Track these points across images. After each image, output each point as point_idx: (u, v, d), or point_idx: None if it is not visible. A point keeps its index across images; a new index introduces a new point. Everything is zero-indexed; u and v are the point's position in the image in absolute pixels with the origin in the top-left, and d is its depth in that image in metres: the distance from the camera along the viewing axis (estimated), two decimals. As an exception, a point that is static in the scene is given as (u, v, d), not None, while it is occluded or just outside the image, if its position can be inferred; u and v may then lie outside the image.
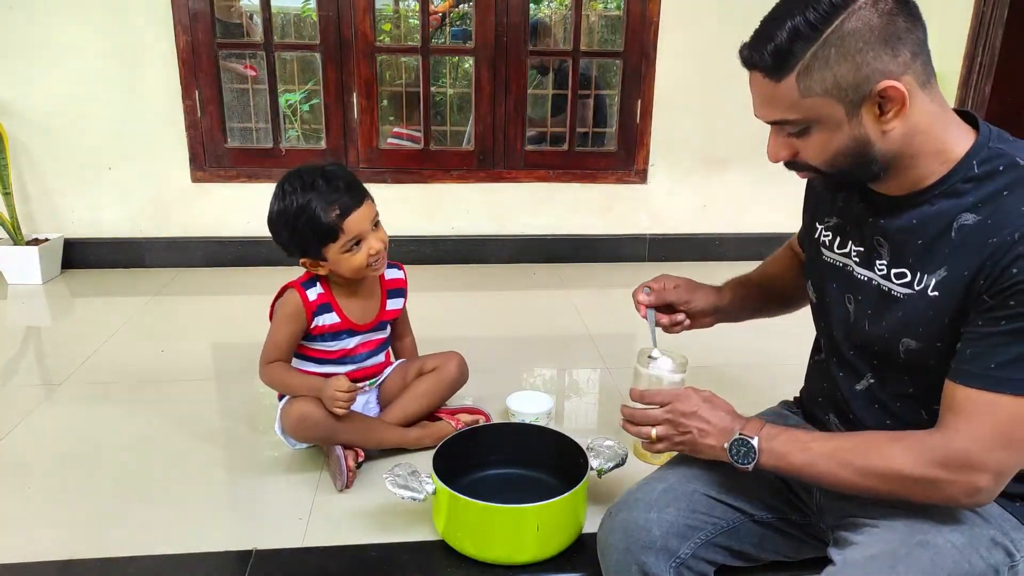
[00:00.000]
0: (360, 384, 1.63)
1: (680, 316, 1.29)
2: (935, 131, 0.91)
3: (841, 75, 0.87)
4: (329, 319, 1.55)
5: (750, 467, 1.00)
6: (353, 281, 1.55)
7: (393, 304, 1.65)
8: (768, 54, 0.89)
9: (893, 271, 0.98)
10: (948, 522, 0.94)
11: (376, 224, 1.50)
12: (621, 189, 3.10)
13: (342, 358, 1.60)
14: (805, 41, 0.87)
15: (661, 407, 1.10)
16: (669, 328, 1.30)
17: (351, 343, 1.60)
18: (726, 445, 1.02)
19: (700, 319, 1.31)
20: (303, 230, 1.44)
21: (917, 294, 0.95)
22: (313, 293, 1.53)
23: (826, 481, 0.97)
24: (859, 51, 0.86)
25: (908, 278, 0.96)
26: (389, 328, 1.70)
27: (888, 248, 0.98)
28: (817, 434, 1.02)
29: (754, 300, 1.35)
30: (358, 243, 1.46)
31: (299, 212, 1.43)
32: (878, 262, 1.00)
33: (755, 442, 1.00)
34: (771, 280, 1.36)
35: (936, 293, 0.92)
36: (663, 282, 1.29)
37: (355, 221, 1.44)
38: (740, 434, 1.01)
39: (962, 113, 0.96)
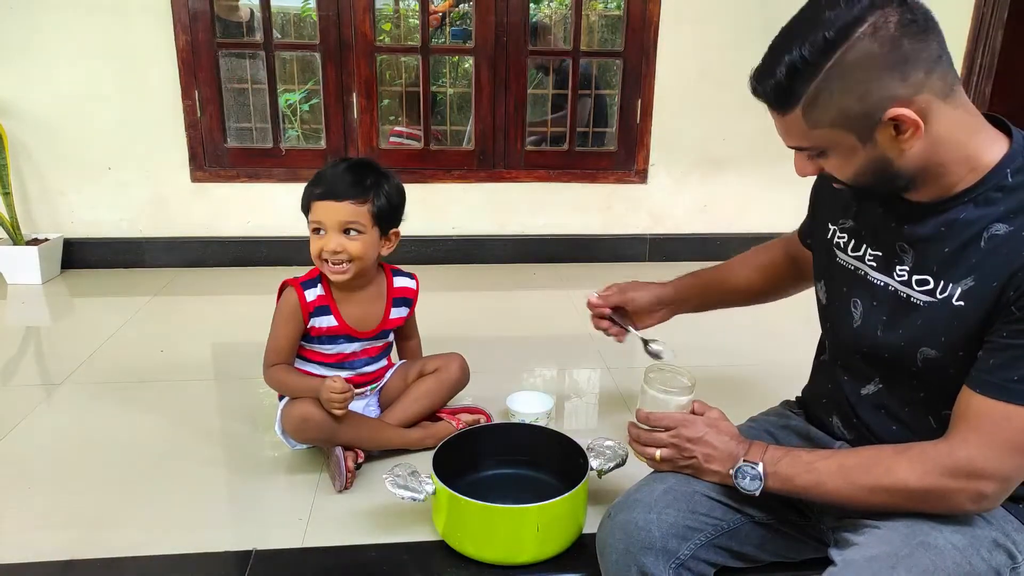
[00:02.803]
0: (360, 390, 1.62)
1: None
2: (961, 138, 0.89)
3: (847, 107, 0.85)
4: (326, 322, 1.54)
5: (757, 493, 1.01)
6: (354, 284, 1.55)
7: (397, 313, 1.64)
8: (770, 90, 0.88)
9: (915, 278, 0.96)
10: (949, 523, 0.94)
11: (350, 230, 1.46)
12: (621, 189, 3.10)
13: (340, 363, 1.59)
14: (804, 79, 0.85)
15: (667, 431, 1.10)
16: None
17: (349, 348, 1.59)
18: (731, 471, 1.03)
19: (649, 314, 1.42)
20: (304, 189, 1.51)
21: (940, 302, 0.93)
22: (312, 294, 1.53)
23: (835, 499, 0.98)
24: (862, 81, 0.83)
25: (931, 285, 0.94)
26: (392, 335, 1.69)
27: (912, 255, 0.97)
28: (819, 452, 1.02)
29: (711, 296, 1.44)
30: (319, 231, 1.48)
31: (315, 175, 1.51)
32: (899, 268, 0.98)
33: (760, 468, 1.01)
34: (736, 281, 1.42)
35: (962, 303, 0.91)
36: (609, 290, 1.44)
37: (320, 208, 1.47)
38: (744, 460, 1.02)
39: (993, 119, 0.93)
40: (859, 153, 0.89)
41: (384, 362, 1.69)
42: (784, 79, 0.86)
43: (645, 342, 1.43)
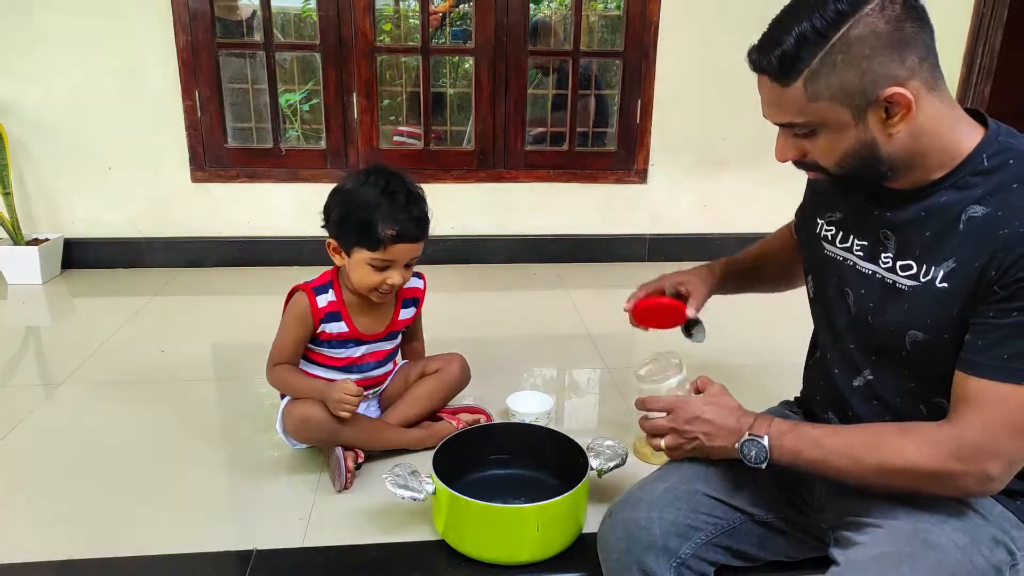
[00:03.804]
0: (367, 393, 1.62)
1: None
2: (942, 131, 0.92)
3: (848, 81, 0.87)
4: (337, 328, 1.54)
5: (763, 466, 1.01)
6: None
7: (406, 313, 1.64)
8: (775, 59, 0.90)
9: (899, 263, 0.98)
10: (950, 521, 0.94)
11: (410, 264, 1.50)
12: (621, 189, 3.10)
13: (347, 366, 1.59)
14: (812, 48, 0.87)
15: (664, 416, 1.10)
16: None
17: (358, 352, 1.59)
18: (737, 445, 1.03)
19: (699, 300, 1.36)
20: (354, 221, 1.43)
21: (923, 286, 0.95)
22: (323, 300, 1.52)
23: (839, 477, 0.98)
24: (865, 57, 0.86)
25: (914, 270, 0.96)
26: (400, 337, 1.69)
27: (895, 241, 0.98)
28: (826, 428, 1.02)
29: (746, 279, 1.41)
30: (385, 268, 1.46)
31: (364, 205, 1.42)
32: (883, 255, 1.00)
33: (765, 441, 1.00)
34: (767, 259, 1.40)
35: (945, 284, 0.92)
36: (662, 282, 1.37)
37: (400, 250, 1.44)
38: (750, 434, 1.02)
39: (972, 112, 0.96)
40: (850, 132, 0.91)
41: (390, 366, 1.69)
42: (792, 48, 0.88)
43: (694, 323, 1.36)
